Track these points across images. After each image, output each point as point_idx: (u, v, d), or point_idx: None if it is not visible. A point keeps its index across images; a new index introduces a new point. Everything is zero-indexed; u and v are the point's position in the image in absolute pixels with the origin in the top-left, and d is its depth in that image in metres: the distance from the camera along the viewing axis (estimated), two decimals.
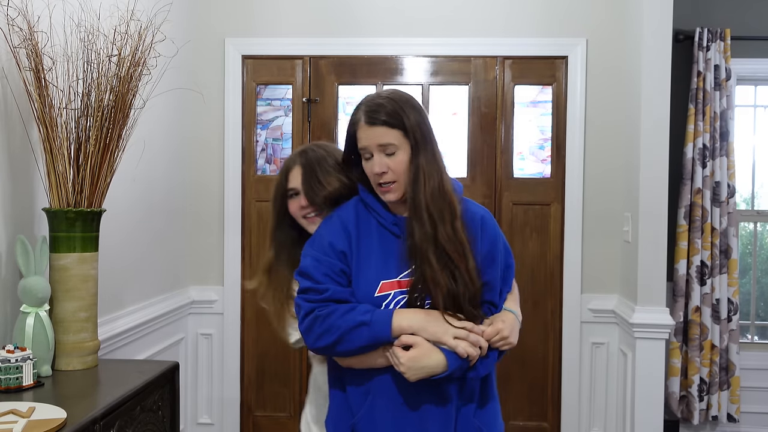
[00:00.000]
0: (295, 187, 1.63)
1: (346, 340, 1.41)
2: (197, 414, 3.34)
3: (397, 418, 1.46)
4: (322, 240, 1.51)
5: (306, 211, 1.63)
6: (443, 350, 1.41)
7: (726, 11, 3.41)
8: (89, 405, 1.56)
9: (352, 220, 1.52)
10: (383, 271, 1.48)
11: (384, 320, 1.41)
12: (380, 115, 1.46)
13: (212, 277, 3.33)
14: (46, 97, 1.78)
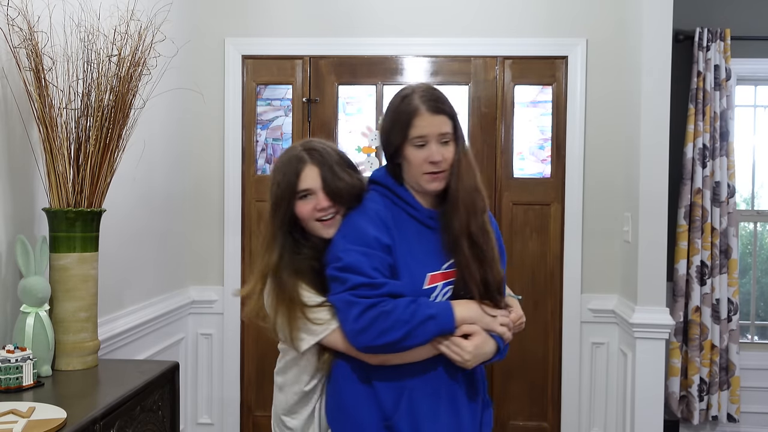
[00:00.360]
0: (311, 188, 1.55)
1: (413, 335, 1.42)
2: (197, 414, 3.34)
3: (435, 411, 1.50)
4: (365, 234, 1.49)
5: (324, 213, 1.55)
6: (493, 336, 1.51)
7: (726, 11, 3.41)
8: (89, 405, 1.56)
9: (387, 214, 1.53)
10: (428, 263, 1.52)
11: (448, 312, 1.45)
12: (443, 105, 1.52)
13: (212, 277, 3.33)
14: (46, 97, 1.78)
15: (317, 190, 1.55)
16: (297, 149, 1.61)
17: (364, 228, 1.50)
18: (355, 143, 3.29)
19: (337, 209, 1.57)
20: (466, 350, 1.45)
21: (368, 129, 3.29)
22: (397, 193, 1.57)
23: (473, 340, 1.46)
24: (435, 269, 1.52)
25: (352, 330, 1.44)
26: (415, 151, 1.52)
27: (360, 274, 1.44)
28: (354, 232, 1.50)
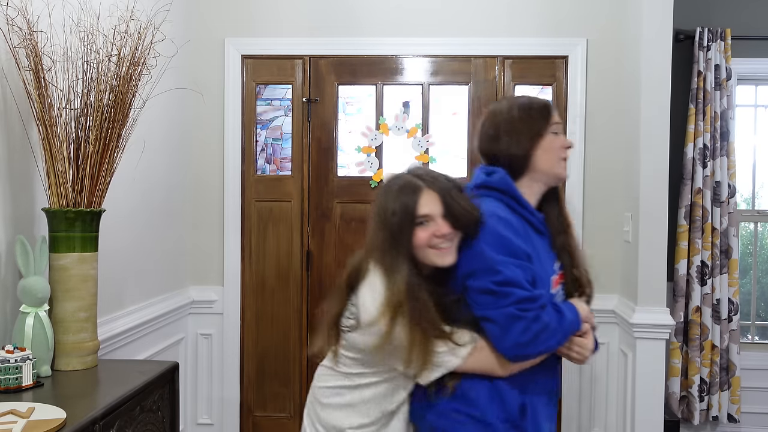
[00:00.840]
0: (430, 213, 1.51)
1: (564, 338, 1.54)
2: (197, 414, 3.34)
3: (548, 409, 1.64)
4: (512, 244, 1.53)
5: (443, 239, 1.52)
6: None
7: (726, 11, 3.41)
8: (89, 405, 1.56)
9: (514, 220, 1.58)
10: (549, 268, 1.61)
11: (577, 314, 1.57)
12: None
13: (212, 277, 3.33)
14: (45, 97, 1.78)
15: (436, 216, 1.52)
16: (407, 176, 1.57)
17: (511, 238, 1.53)
18: (355, 143, 3.29)
19: (455, 236, 1.54)
20: (587, 348, 1.58)
21: (368, 129, 3.29)
22: (520, 200, 1.61)
23: (589, 337, 1.59)
24: (554, 273, 1.62)
25: (517, 343, 1.49)
26: (554, 138, 1.64)
27: (522, 288, 1.49)
28: (502, 243, 1.52)
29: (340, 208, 3.30)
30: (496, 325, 1.50)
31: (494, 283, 1.49)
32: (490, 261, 1.51)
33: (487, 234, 1.53)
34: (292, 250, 3.32)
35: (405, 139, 3.26)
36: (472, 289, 1.53)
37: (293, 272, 3.32)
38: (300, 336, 3.32)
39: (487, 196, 1.62)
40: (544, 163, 1.63)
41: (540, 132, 1.63)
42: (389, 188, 1.57)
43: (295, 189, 3.31)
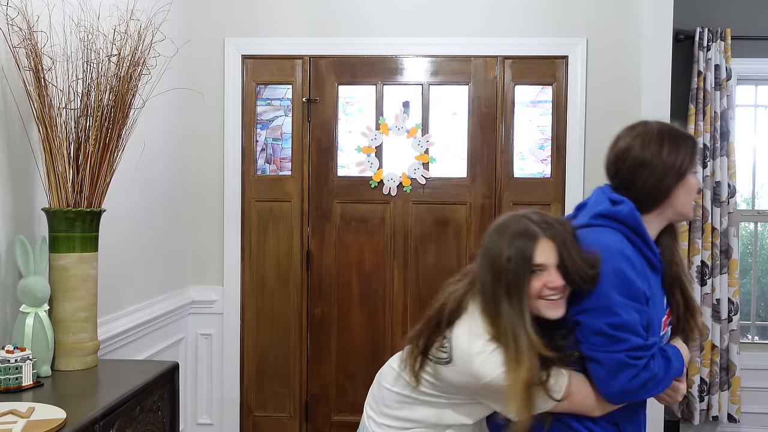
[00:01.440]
0: (545, 263, 1.45)
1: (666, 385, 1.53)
2: (197, 414, 3.34)
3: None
4: (634, 286, 1.46)
5: (554, 291, 1.46)
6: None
7: (726, 11, 3.41)
8: (89, 405, 1.56)
9: (636, 259, 1.49)
10: (661, 308, 1.56)
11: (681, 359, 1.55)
12: None
13: (212, 277, 3.32)
14: (45, 97, 1.78)
15: (551, 267, 1.46)
16: (524, 220, 1.51)
17: (634, 280, 1.46)
18: (355, 143, 3.29)
19: (567, 289, 1.47)
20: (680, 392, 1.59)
21: (368, 129, 3.29)
22: (645, 238, 1.52)
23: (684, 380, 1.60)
24: (665, 313, 1.58)
25: (623, 390, 1.45)
26: (693, 177, 1.55)
27: (637, 335, 1.44)
28: (624, 285, 1.45)
29: (340, 208, 3.30)
30: (603, 369, 1.46)
31: (609, 326, 1.44)
32: (608, 301, 1.44)
33: (610, 272, 1.46)
34: (292, 250, 3.32)
35: (405, 139, 3.26)
36: (585, 326, 1.47)
37: (293, 272, 3.32)
38: (300, 336, 3.32)
39: (610, 228, 1.54)
40: (681, 202, 1.55)
41: (686, 171, 1.54)
42: (504, 231, 1.50)
43: (295, 189, 3.31)
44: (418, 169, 3.25)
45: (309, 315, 3.32)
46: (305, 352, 3.32)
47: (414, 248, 3.27)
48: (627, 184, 1.59)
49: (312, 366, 3.33)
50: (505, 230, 1.50)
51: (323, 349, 3.32)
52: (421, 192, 3.26)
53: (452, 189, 3.25)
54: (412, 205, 3.27)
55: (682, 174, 1.53)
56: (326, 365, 3.32)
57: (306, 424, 3.34)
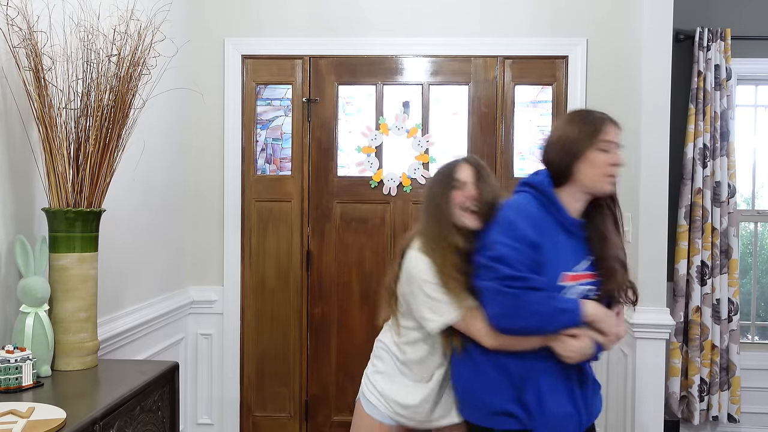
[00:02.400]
0: (464, 180, 1.86)
1: (545, 324, 1.69)
2: (197, 414, 3.34)
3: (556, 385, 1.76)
4: (517, 230, 1.72)
5: (470, 202, 1.83)
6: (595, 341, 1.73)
7: (726, 11, 3.41)
8: (89, 405, 1.56)
9: (537, 214, 1.76)
10: (565, 264, 1.74)
11: (578, 310, 1.70)
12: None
13: (212, 277, 3.33)
14: (45, 97, 1.78)
15: (469, 182, 1.86)
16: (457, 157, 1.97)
17: (518, 224, 1.73)
18: (355, 143, 3.29)
19: (476, 205, 1.83)
20: (570, 348, 1.71)
21: (368, 129, 3.29)
22: (552, 200, 1.78)
23: (578, 342, 1.71)
24: (570, 270, 1.75)
25: (495, 314, 1.70)
26: (600, 154, 1.75)
27: (509, 267, 1.67)
28: (508, 227, 1.73)
29: (340, 208, 3.30)
30: (483, 296, 1.73)
31: (488, 258, 1.71)
32: (491, 239, 1.74)
33: (500, 218, 1.77)
34: (292, 250, 3.32)
35: (405, 139, 3.26)
36: (476, 262, 1.77)
37: (293, 272, 3.32)
38: (300, 336, 3.32)
39: (524, 191, 1.83)
40: (586, 176, 1.76)
41: (583, 148, 1.76)
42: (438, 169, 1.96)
43: (295, 189, 3.31)
44: (418, 169, 3.25)
45: (309, 315, 3.32)
46: (305, 352, 3.32)
47: None
48: (544, 162, 1.85)
49: (312, 366, 3.34)
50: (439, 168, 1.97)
51: (323, 349, 3.32)
52: (421, 192, 3.26)
53: None
54: (412, 205, 3.27)
55: (580, 151, 1.75)
56: (326, 365, 3.32)
57: (306, 424, 3.34)
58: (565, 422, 1.77)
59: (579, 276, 1.77)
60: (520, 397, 1.76)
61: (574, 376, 1.80)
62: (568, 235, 1.78)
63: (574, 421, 1.78)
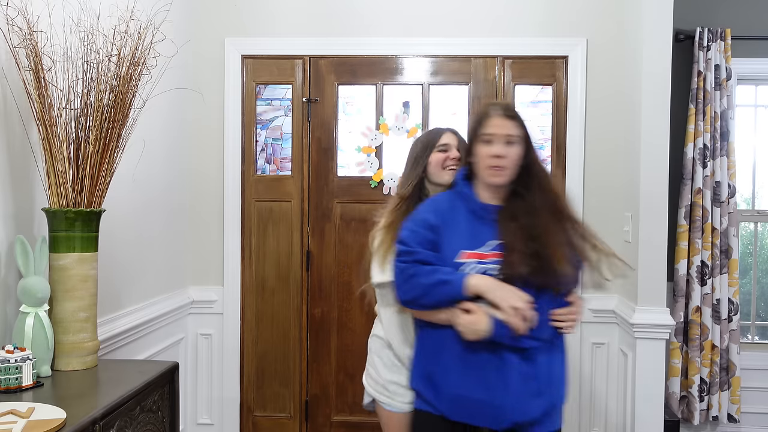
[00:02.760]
0: (448, 143, 2.07)
1: (429, 294, 1.74)
2: (197, 414, 3.34)
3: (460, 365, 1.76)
4: (419, 216, 1.86)
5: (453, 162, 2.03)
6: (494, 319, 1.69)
7: (726, 11, 3.41)
8: (89, 405, 1.56)
9: (445, 202, 1.87)
10: (465, 243, 1.79)
11: (460, 281, 1.72)
12: (514, 113, 1.85)
13: (212, 277, 3.33)
14: (45, 97, 1.78)
15: (453, 146, 2.06)
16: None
17: (420, 212, 1.88)
18: (355, 143, 3.29)
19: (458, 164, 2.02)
20: (460, 322, 1.72)
21: (368, 129, 3.29)
22: (461, 189, 1.88)
23: (467, 316, 1.71)
24: (471, 249, 1.78)
25: (395, 287, 1.82)
26: (482, 146, 1.81)
27: (405, 245, 1.81)
28: (414, 216, 1.89)
29: (340, 208, 3.30)
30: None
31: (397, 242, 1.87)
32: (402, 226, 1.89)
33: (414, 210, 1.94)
34: (292, 250, 3.32)
35: (405, 139, 3.26)
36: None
37: (293, 272, 3.32)
38: (300, 336, 3.32)
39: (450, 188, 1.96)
40: (477, 168, 1.84)
41: (471, 142, 1.86)
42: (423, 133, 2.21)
43: (295, 189, 3.31)
44: None
45: (309, 315, 3.32)
46: (305, 352, 3.32)
47: None
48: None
49: (312, 366, 3.34)
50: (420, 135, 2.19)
51: (323, 349, 3.32)
52: None
53: None
54: None
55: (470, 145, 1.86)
56: (326, 365, 3.32)
57: (306, 424, 3.34)
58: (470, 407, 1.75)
59: (480, 255, 1.77)
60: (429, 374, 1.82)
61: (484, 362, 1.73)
62: (479, 220, 1.82)
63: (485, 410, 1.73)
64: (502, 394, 1.72)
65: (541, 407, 1.76)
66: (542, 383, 1.76)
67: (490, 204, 1.83)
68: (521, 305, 1.68)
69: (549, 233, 1.75)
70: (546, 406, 1.77)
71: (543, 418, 1.77)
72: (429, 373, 1.83)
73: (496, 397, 1.72)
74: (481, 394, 1.73)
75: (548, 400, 1.77)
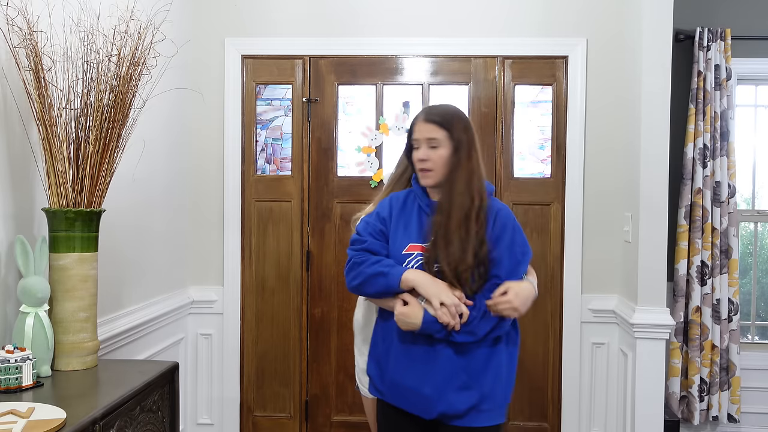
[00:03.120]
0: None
1: (369, 284, 1.83)
2: (197, 414, 3.34)
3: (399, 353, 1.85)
4: (374, 211, 1.97)
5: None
6: (426, 313, 1.76)
7: (726, 11, 3.41)
8: (89, 405, 1.56)
9: (400, 199, 1.96)
10: (412, 237, 1.88)
11: (396, 274, 1.80)
12: (434, 117, 1.88)
13: (212, 277, 3.33)
14: (45, 97, 1.78)
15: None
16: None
17: (377, 208, 1.98)
18: (355, 143, 3.29)
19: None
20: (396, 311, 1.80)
21: (368, 129, 3.29)
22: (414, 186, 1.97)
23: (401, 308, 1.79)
24: (416, 242, 1.86)
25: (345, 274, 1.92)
26: (414, 151, 1.91)
27: (357, 234, 1.94)
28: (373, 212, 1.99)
29: (340, 208, 3.30)
30: None
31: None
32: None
33: None
34: (292, 250, 3.32)
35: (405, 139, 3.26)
36: None
37: (293, 272, 3.32)
38: (300, 336, 3.32)
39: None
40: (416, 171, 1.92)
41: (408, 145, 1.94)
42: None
43: (295, 189, 3.31)
44: None
45: (309, 315, 3.32)
46: (305, 352, 3.32)
47: None
48: None
49: (312, 366, 3.34)
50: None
51: (323, 349, 3.32)
52: None
53: None
54: None
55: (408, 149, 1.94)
56: (326, 365, 3.32)
57: (306, 424, 3.34)
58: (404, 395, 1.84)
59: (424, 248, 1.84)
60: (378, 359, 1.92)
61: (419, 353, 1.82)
62: (427, 216, 1.90)
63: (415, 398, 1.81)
64: (429, 385, 1.79)
65: (469, 401, 1.79)
66: (472, 377, 1.80)
67: (433, 200, 1.91)
68: (449, 301, 1.74)
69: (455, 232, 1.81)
70: (475, 401, 1.80)
71: (471, 411, 1.80)
72: (378, 359, 1.93)
73: (424, 388, 1.80)
74: (412, 383, 1.82)
75: (477, 395, 1.80)
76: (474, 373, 1.80)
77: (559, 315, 3.23)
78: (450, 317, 1.74)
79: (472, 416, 1.80)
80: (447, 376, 1.79)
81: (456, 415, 1.80)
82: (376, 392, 1.94)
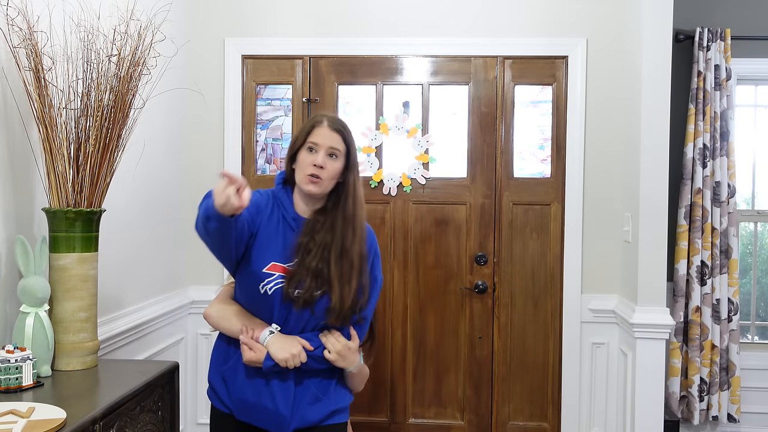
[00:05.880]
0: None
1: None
2: (197, 414, 3.34)
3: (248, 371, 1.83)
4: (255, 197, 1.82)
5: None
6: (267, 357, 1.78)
7: (726, 11, 3.41)
8: (89, 405, 1.56)
9: (265, 204, 1.85)
10: (276, 254, 1.80)
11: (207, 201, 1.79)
12: (341, 127, 1.86)
13: (212, 277, 3.32)
14: (45, 97, 1.78)
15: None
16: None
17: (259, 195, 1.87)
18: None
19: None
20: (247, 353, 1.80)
21: (368, 129, 3.29)
22: (276, 193, 1.88)
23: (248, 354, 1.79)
24: (279, 261, 1.80)
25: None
26: (306, 154, 1.82)
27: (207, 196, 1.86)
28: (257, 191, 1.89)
29: None
30: None
31: None
32: None
33: None
34: None
35: (405, 139, 3.26)
36: None
37: None
38: None
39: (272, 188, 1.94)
40: (297, 174, 1.84)
41: (295, 148, 1.86)
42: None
43: None
44: (418, 169, 3.25)
45: None
46: None
47: (414, 248, 3.27)
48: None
49: None
50: None
51: None
52: (421, 192, 3.26)
53: (452, 189, 3.25)
54: (412, 205, 3.27)
55: (294, 150, 1.86)
56: None
57: None
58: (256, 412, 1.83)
59: (285, 269, 1.80)
60: (223, 373, 1.88)
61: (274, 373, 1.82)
62: (290, 231, 1.84)
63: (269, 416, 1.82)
64: (282, 404, 1.81)
65: (322, 412, 1.87)
66: (320, 391, 1.87)
67: (301, 216, 1.86)
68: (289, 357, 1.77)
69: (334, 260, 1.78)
70: (327, 411, 1.88)
71: (325, 419, 1.88)
72: (222, 372, 1.89)
73: (279, 407, 1.81)
74: (266, 402, 1.82)
75: (327, 404, 1.88)
76: (321, 387, 1.88)
77: (559, 315, 3.23)
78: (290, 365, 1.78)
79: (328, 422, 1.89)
80: (297, 394, 1.84)
81: (311, 427, 1.86)
82: (221, 406, 1.90)
